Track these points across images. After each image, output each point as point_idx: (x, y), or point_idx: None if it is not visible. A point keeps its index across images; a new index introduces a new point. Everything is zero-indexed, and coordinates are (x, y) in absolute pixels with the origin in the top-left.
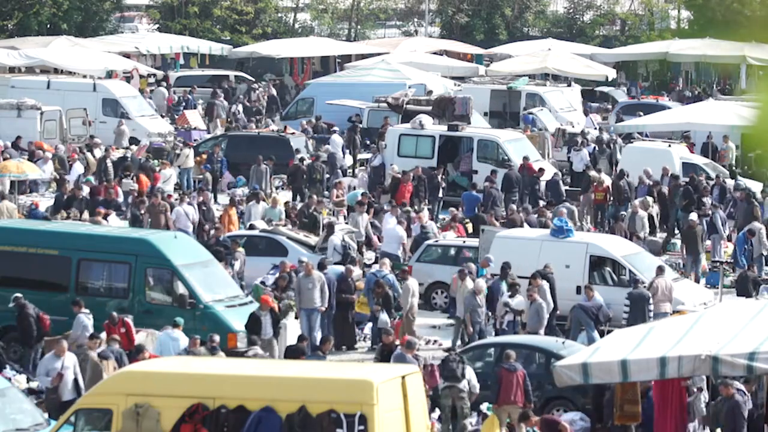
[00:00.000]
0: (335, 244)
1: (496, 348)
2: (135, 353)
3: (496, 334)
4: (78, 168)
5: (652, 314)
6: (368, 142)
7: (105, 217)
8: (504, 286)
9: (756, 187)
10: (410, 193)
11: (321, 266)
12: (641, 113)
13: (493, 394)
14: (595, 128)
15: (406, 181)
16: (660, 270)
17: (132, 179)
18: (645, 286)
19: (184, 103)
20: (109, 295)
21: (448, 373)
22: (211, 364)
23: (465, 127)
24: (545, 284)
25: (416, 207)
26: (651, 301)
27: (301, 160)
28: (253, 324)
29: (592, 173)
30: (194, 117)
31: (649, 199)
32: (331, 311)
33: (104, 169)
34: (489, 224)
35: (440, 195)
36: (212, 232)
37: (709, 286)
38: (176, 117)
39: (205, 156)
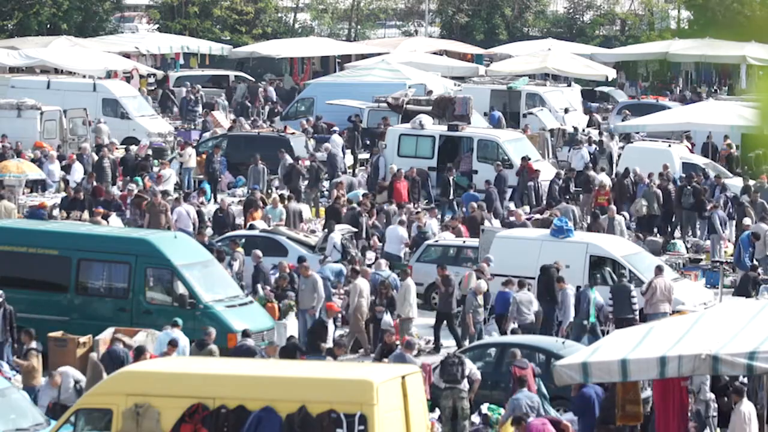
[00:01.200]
0: (335, 242)
1: (496, 348)
2: (136, 355)
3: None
4: (78, 169)
5: (636, 306)
6: (368, 142)
7: (105, 217)
8: (592, 294)
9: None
10: (407, 191)
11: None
12: (627, 112)
13: (509, 392)
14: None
15: (399, 178)
16: (659, 270)
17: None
18: (644, 286)
19: (193, 103)
20: (109, 295)
21: (448, 376)
22: (211, 364)
23: (465, 127)
24: (570, 289)
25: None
26: (633, 293)
27: (297, 159)
28: (320, 329)
29: (591, 173)
30: (221, 117)
31: (643, 201)
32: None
33: (101, 169)
34: (452, 227)
35: (450, 196)
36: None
37: (708, 286)
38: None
39: (204, 156)
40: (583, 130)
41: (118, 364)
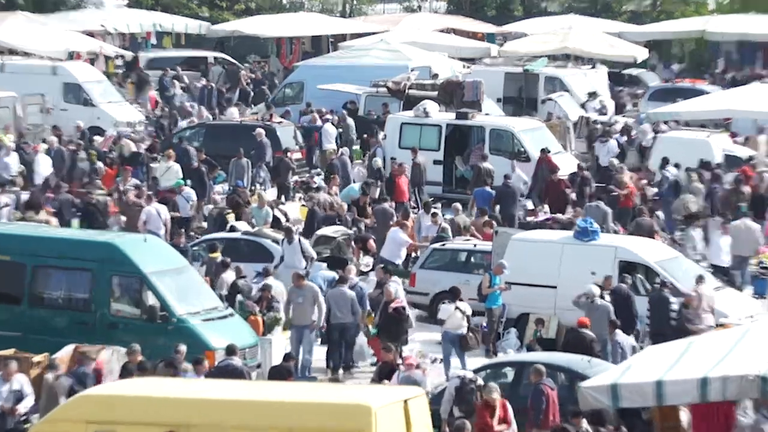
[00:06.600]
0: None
1: (514, 367)
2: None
3: None
4: (43, 162)
5: (675, 321)
6: (365, 135)
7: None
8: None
9: None
10: (408, 187)
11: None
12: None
13: (537, 415)
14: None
15: (400, 174)
16: (700, 278)
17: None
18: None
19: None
20: (69, 307)
21: (467, 405)
22: (186, 386)
23: (475, 115)
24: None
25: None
26: (672, 305)
27: (286, 151)
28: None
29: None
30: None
31: (690, 198)
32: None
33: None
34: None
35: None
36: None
37: (756, 295)
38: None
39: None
40: (610, 119)
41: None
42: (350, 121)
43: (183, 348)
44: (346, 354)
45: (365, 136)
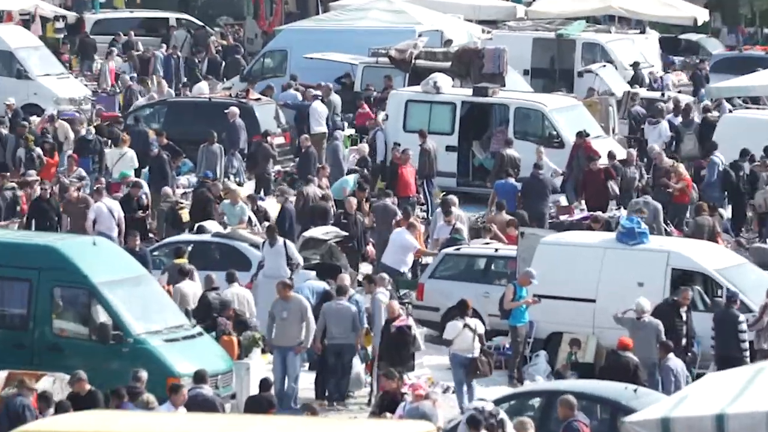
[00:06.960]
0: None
1: (543, 397)
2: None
3: None
4: None
5: (745, 342)
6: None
7: None
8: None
9: None
10: (414, 179)
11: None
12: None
13: None
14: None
15: (404, 162)
16: None
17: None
18: (755, 315)
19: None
20: (1, 326)
21: None
22: (144, 420)
23: (497, 90)
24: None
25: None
26: (742, 325)
27: (265, 135)
28: None
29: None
30: None
31: None
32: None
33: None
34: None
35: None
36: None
37: None
38: None
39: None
40: (663, 94)
41: (15, 422)
42: (335, 97)
43: (143, 374)
44: (341, 381)
45: (351, 114)
